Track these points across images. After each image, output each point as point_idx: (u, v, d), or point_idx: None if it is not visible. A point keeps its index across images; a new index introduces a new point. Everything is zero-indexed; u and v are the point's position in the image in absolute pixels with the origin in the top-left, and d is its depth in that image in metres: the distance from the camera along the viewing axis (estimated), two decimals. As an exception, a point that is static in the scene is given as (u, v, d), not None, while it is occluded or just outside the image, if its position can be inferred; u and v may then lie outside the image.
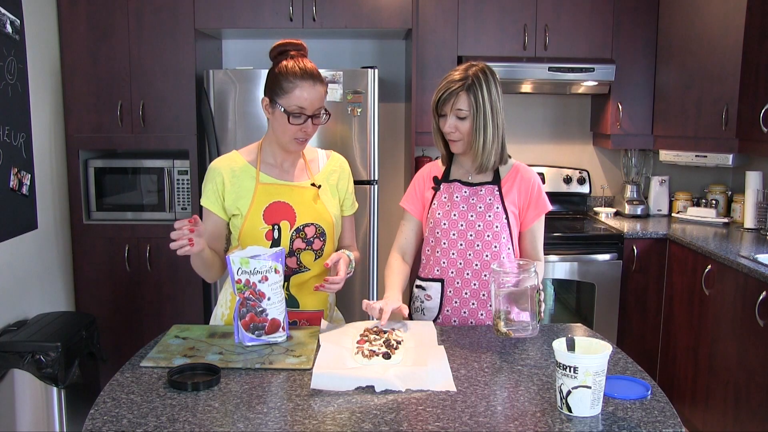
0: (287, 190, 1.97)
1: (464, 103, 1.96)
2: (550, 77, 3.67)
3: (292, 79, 1.87)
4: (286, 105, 1.87)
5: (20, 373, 2.77)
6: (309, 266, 2.00)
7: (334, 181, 2.07)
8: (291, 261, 1.97)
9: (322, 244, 2.00)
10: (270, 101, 1.92)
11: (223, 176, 1.96)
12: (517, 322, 1.71)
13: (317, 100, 1.89)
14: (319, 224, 1.98)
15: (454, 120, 1.99)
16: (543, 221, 2.10)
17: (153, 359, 1.67)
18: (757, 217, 3.50)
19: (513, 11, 3.72)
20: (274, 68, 1.93)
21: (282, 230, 1.94)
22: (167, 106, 3.50)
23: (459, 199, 2.06)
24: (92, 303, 3.55)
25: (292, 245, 1.96)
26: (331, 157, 2.11)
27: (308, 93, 1.87)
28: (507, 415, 1.41)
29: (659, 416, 1.40)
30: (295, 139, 1.91)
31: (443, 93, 1.99)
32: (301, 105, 1.87)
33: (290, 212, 1.96)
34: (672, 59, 3.72)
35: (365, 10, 3.48)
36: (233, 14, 3.46)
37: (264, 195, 1.95)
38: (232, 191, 1.96)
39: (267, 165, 2.00)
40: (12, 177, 2.99)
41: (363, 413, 1.39)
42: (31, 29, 3.17)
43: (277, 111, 1.90)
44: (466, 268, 2.06)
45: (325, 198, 2.03)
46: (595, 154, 4.23)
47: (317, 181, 2.02)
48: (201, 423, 1.35)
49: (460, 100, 1.97)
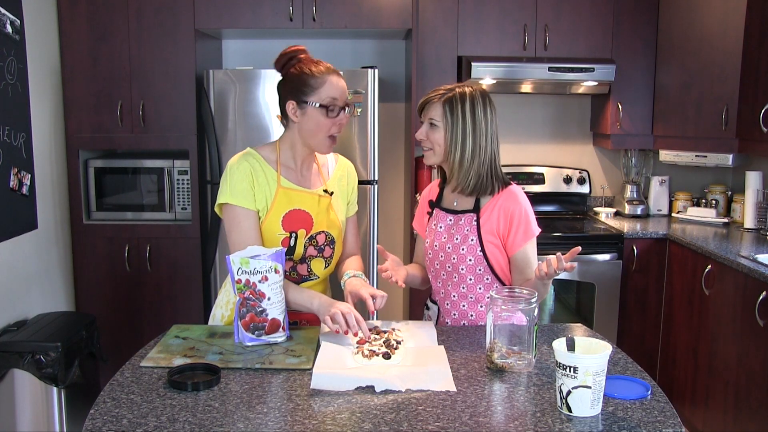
0: (307, 198, 1.96)
1: (438, 112, 1.96)
2: (550, 77, 3.67)
3: (318, 75, 1.90)
4: (319, 100, 1.89)
5: (20, 373, 2.77)
6: (318, 274, 2.01)
7: (343, 186, 2.09)
8: (302, 268, 1.98)
9: (332, 252, 2.01)
10: (297, 103, 1.91)
11: (251, 173, 1.93)
12: (513, 354, 1.63)
13: (344, 89, 1.93)
14: (329, 232, 1.99)
15: (426, 127, 2.00)
16: (534, 244, 2.01)
17: (153, 359, 1.67)
18: (757, 217, 3.50)
19: (513, 11, 3.72)
20: (291, 72, 1.94)
21: (298, 238, 1.94)
22: (167, 106, 3.50)
23: (442, 229, 2.04)
24: (92, 303, 3.55)
25: (305, 253, 1.96)
26: (339, 161, 2.12)
27: (338, 84, 1.91)
28: (507, 415, 1.41)
29: (659, 416, 1.40)
30: (329, 136, 1.92)
31: (422, 101, 2.01)
32: (334, 96, 1.89)
33: (308, 220, 1.95)
34: (672, 59, 3.72)
35: (365, 10, 3.48)
36: (233, 14, 3.46)
37: (284, 200, 1.93)
38: (258, 189, 1.93)
39: (286, 168, 1.99)
40: (12, 177, 2.99)
41: (363, 413, 1.39)
42: (31, 29, 3.17)
43: (309, 109, 1.90)
44: (448, 296, 2.06)
45: (336, 204, 2.04)
46: (595, 154, 4.23)
47: (329, 188, 2.03)
48: (201, 423, 1.35)
49: (434, 109, 1.97)
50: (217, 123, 3.44)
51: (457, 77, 3.78)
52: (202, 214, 3.59)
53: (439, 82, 3.75)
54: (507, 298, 1.65)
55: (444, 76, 3.76)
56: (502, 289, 1.69)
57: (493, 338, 1.63)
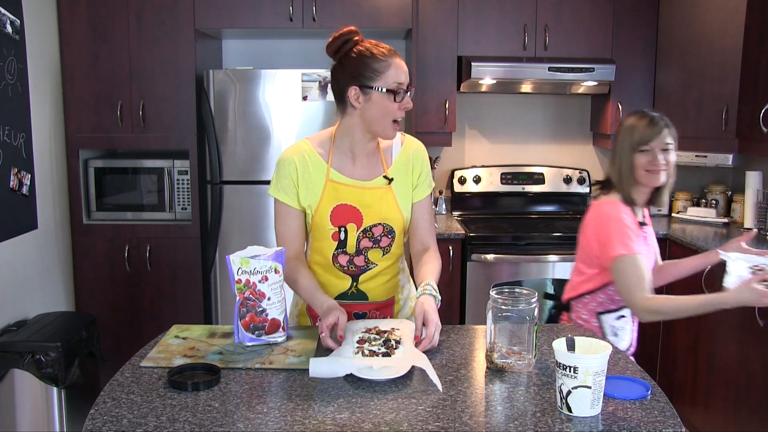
0: (356, 193, 1.90)
1: (671, 137, 2.17)
2: (550, 77, 3.67)
3: (382, 58, 1.80)
4: (385, 84, 1.80)
5: (20, 373, 2.77)
6: (376, 262, 1.96)
7: (408, 171, 1.97)
8: (359, 260, 1.94)
9: (390, 241, 1.94)
10: (361, 89, 1.81)
11: (297, 168, 1.89)
12: (512, 354, 1.62)
13: (406, 72, 1.84)
14: (387, 223, 1.92)
15: (662, 153, 2.17)
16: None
17: (153, 359, 1.67)
18: (757, 217, 3.50)
19: (513, 11, 3.72)
20: (351, 56, 1.82)
21: (348, 232, 1.91)
22: (167, 106, 3.50)
23: (652, 243, 2.31)
24: (92, 303, 3.56)
25: (358, 245, 1.92)
26: (405, 142, 1.99)
27: (402, 66, 1.83)
28: (507, 415, 1.41)
29: (659, 416, 1.40)
30: (394, 121, 1.84)
31: (654, 130, 2.15)
32: (400, 80, 1.81)
33: (357, 215, 1.90)
34: (672, 59, 3.72)
35: (365, 10, 3.48)
36: (233, 14, 3.46)
37: (332, 194, 1.89)
38: (303, 185, 1.90)
39: (339, 158, 1.91)
40: (12, 177, 2.99)
41: (363, 413, 1.39)
42: (31, 29, 3.17)
43: (374, 95, 1.80)
44: None
45: (397, 191, 1.94)
46: (595, 154, 4.24)
47: (390, 174, 1.93)
48: (201, 423, 1.35)
49: (668, 135, 2.16)
50: (217, 123, 3.44)
51: (457, 77, 3.78)
52: (202, 214, 3.59)
53: (439, 82, 3.80)
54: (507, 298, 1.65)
55: (444, 76, 3.76)
56: (502, 289, 1.69)
57: (493, 338, 1.63)
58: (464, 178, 4.08)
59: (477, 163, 4.17)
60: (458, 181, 4.08)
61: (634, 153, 2.13)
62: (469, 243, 3.53)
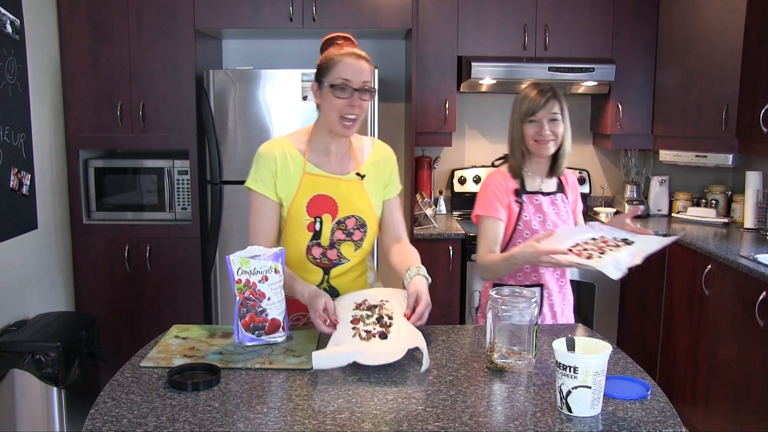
0: (332, 183, 1.98)
1: (557, 107, 2.14)
2: (550, 77, 3.67)
3: (334, 57, 1.92)
4: (331, 80, 1.90)
5: (20, 373, 2.77)
6: (348, 257, 2.01)
7: (379, 170, 2.06)
8: (331, 253, 1.99)
9: (363, 235, 2.01)
10: (318, 85, 1.95)
11: (276, 161, 1.96)
12: (512, 354, 1.62)
13: (360, 72, 1.91)
14: (359, 216, 2.00)
15: (547, 123, 2.15)
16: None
17: (153, 359, 1.67)
18: (757, 217, 3.50)
19: (513, 11, 3.72)
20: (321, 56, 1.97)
21: (324, 222, 1.97)
22: (167, 106, 3.50)
23: (547, 211, 2.27)
24: (92, 303, 3.55)
25: (332, 237, 1.98)
26: (375, 145, 2.11)
27: (350, 65, 1.90)
28: (507, 415, 1.41)
29: (659, 416, 1.40)
30: (342, 117, 1.90)
31: (531, 104, 2.15)
32: (345, 77, 1.89)
33: (333, 205, 1.97)
34: (672, 59, 3.72)
35: (365, 10, 3.48)
36: (233, 14, 3.46)
37: (309, 186, 1.96)
38: (282, 178, 1.96)
39: (315, 153, 2.00)
40: (12, 177, 2.99)
41: (363, 413, 1.39)
42: (31, 29, 3.17)
43: (324, 90, 1.92)
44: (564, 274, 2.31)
45: (369, 187, 2.03)
46: (595, 154, 4.23)
47: (362, 171, 2.03)
48: (201, 423, 1.35)
49: (553, 105, 2.14)
50: (217, 123, 3.44)
51: (457, 77, 3.78)
52: (202, 214, 3.59)
53: (439, 82, 3.79)
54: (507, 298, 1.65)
55: (444, 76, 3.76)
56: (502, 290, 1.69)
57: (493, 338, 1.63)
58: (464, 178, 4.08)
59: (477, 163, 4.17)
60: (458, 181, 4.08)
61: (523, 123, 2.17)
62: (469, 243, 3.53)
